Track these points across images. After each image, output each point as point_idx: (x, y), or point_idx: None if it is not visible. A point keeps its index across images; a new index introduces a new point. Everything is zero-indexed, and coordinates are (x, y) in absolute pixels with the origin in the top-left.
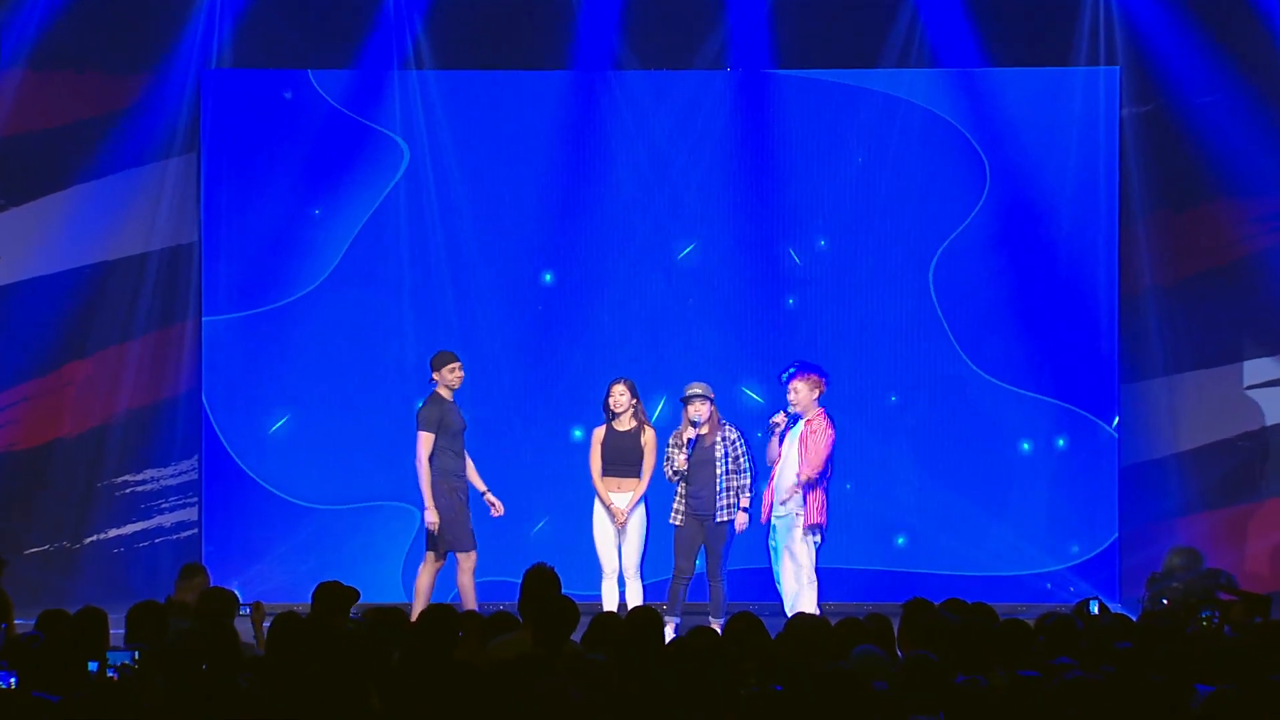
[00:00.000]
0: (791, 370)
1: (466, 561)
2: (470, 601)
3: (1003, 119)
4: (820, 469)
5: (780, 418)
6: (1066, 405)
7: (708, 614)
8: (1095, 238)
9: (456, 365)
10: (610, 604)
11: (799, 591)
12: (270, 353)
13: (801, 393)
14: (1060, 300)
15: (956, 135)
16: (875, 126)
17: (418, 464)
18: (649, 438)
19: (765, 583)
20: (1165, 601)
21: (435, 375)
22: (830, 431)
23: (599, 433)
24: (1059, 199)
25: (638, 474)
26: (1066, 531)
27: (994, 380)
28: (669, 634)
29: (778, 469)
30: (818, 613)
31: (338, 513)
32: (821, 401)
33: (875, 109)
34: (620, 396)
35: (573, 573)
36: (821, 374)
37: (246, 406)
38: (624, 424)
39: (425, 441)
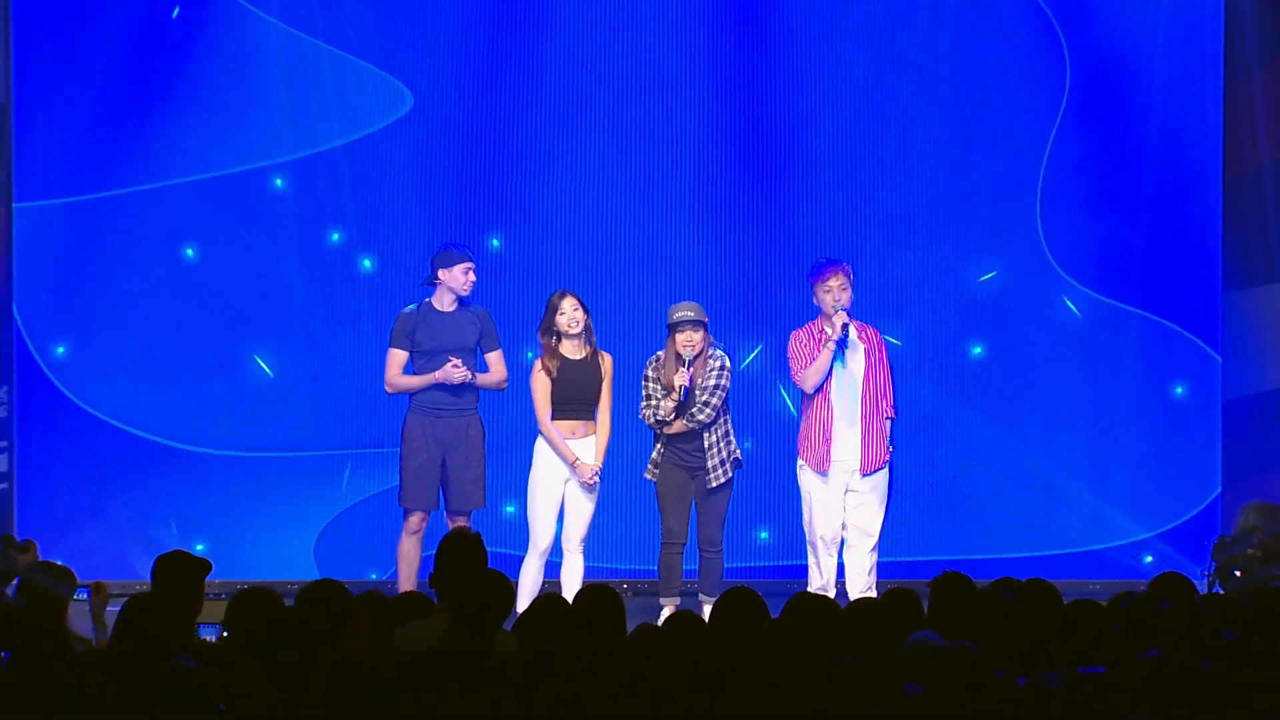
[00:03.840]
0: (830, 260)
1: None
2: (403, 573)
3: None
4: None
5: (843, 317)
6: (1153, 317)
7: (697, 593)
8: (1193, 103)
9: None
10: (532, 586)
11: (867, 568)
12: (110, 249)
13: (849, 291)
14: (1148, 184)
15: None
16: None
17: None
18: (609, 366)
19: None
20: (1238, 573)
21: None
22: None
23: (545, 366)
24: (1146, 53)
25: (594, 414)
26: (1153, 485)
27: (1074, 282)
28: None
29: (833, 396)
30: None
31: (210, 460)
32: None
33: None
34: (574, 313)
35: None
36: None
37: (76, 319)
38: (576, 350)
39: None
